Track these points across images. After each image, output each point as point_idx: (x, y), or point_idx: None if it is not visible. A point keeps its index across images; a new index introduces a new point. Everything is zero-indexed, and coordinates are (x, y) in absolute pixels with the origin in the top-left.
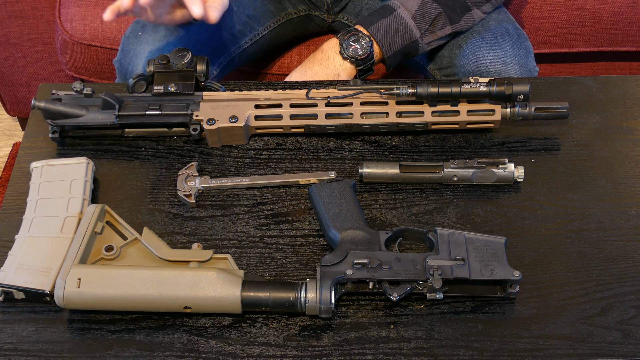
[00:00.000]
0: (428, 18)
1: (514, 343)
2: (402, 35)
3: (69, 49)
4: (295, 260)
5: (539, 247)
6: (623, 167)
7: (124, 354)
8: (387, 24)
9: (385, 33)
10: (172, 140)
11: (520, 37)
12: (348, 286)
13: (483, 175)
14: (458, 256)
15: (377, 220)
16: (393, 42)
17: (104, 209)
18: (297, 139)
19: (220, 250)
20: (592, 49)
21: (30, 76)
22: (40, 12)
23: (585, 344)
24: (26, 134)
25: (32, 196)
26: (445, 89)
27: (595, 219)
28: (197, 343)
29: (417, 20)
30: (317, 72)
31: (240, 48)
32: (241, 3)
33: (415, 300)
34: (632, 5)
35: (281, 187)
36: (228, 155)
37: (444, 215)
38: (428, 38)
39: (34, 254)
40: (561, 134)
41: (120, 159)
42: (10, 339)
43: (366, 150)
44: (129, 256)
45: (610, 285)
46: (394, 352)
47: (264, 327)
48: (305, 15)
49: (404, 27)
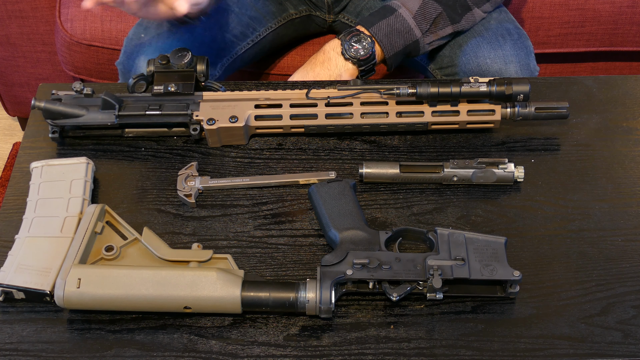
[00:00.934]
0: (429, 18)
1: (514, 343)
2: (404, 35)
3: (69, 49)
4: (295, 260)
5: (539, 247)
6: (623, 167)
7: (124, 354)
8: (388, 24)
9: (386, 33)
10: (172, 140)
11: (521, 37)
12: (348, 286)
13: (483, 175)
14: (458, 256)
15: (377, 220)
16: (394, 43)
17: (104, 209)
18: (297, 139)
19: (220, 250)
20: (592, 49)
21: (30, 76)
22: (40, 12)
23: (585, 344)
24: (26, 134)
25: (32, 196)
26: (445, 89)
27: (595, 219)
28: (197, 343)
29: (418, 21)
30: (319, 73)
31: (242, 49)
32: (243, 5)
33: (415, 300)
34: (632, 5)
35: (281, 187)
36: (228, 155)
37: (444, 215)
38: (429, 38)
39: (34, 254)
40: (561, 134)
41: (120, 159)
42: (10, 339)
43: (366, 150)
44: (129, 256)
45: (610, 285)
46: (394, 352)
47: (264, 327)
48: (306, 16)
49: (405, 27)
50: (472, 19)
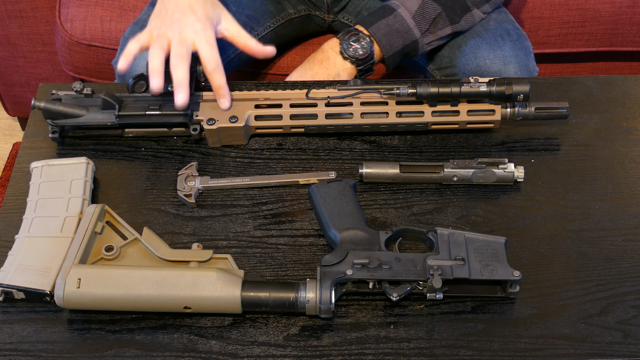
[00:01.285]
0: (428, 18)
1: (514, 343)
2: (402, 35)
3: (69, 49)
4: (295, 260)
5: (539, 247)
6: (623, 167)
7: (124, 354)
8: (387, 24)
9: (385, 33)
10: (172, 140)
11: (520, 37)
12: (348, 286)
13: (483, 175)
14: (458, 256)
15: (377, 220)
16: (393, 42)
17: (104, 209)
18: (297, 139)
19: (220, 250)
20: (592, 49)
21: (30, 76)
22: (40, 12)
23: (585, 344)
24: (26, 134)
25: (32, 196)
26: (445, 89)
27: (595, 219)
28: (197, 343)
29: (417, 21)
30: (317, 72)
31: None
32: (240, 4)
33: (415, 300)
34: (632, 5)
35: (281, 187)
36: (228, 155)
37: (444, 215)
38: (428, 38)
39: (34, 254)
40: (561, 134)
41: (120, 159)
42: (10, 339)
43: (366, 150)
44: (129, 256)
45: (610, 285)
46: (394, 352)
47: (264, 327)
48: (305, 16)
49: (404, 27)
50: (471, 20)
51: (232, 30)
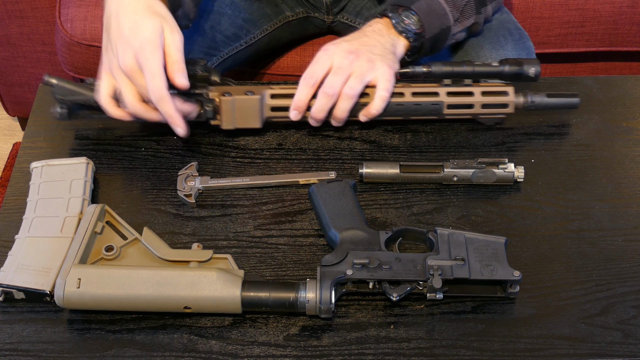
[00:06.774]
0: (459, 6)
1: (514, 343)
2: (440, 18)
3: (69, 49)
4: (295, 260)
5: (539, 247)
6: (623, 167)
7: (124, 354)
8: (427, 4)
9: (426, 12)
10: (172, 140)
11: (522, 37)
12: (348, 286)
13: (483, 175)
14: (458, 256)
15: (377, 220)
16: (433, 23)
17: (104, 209)
18: (297, 139)
19: (220, 250)
20: (592, 49)
21: (30, 76)
22: (40, 12)
23: (585, 344)
24: (26, 134)
25: (32, 196)
26: (459, 67)
27: (595, 219)
28: (197, 343)
29: (450, 7)
30: (366, 41)
31: (233, 50)
32: (237, 7)
33: (415, 300)
34: (632, 5)
35: (281, 187)
36: (228, 155)
37: (444, 215)
38: (457, 27)
39: (34, 254)
40: (561, 134)
41: (120, 159)
42: (10, 339)
43: (366, 150)
44: (129, 256)
45: (610, 285)
46: (394, 352)
47: (264, 327)
48: (304, 18)
49: (441, 10)
50: (486, 14)
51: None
